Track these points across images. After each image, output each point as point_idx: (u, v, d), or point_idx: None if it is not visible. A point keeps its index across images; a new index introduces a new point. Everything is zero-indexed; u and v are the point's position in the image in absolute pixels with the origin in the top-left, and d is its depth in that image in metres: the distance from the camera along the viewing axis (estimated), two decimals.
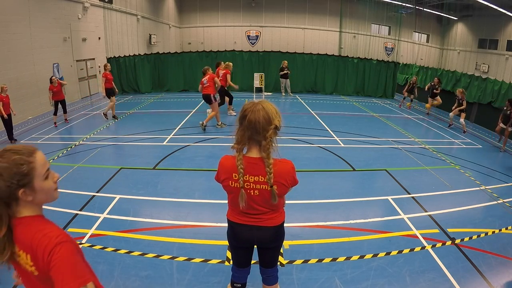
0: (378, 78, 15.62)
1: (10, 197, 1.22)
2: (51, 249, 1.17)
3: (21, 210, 1.26)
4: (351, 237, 4.03)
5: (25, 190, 1.22)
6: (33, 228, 1.24)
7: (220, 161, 2.07)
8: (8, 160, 1.20)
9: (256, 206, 2.05)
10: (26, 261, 1.24)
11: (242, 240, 2.23)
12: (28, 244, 1.22)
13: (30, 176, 1.23)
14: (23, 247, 1.24)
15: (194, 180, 5.59)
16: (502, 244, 4.00)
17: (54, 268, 1.16)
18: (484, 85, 11.32)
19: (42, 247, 1.18)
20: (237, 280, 2.48)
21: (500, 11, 18.35)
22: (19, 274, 1.38)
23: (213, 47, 20.70)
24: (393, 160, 6.97)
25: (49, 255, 1.17)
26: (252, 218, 2.11)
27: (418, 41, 25.85)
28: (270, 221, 2.14)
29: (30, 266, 1.24)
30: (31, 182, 1.23)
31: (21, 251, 1.24)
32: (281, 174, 1.96)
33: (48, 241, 1.19)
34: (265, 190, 1.98)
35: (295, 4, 23.83)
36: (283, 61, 14.34)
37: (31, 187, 1.24)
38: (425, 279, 3.30)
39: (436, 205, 4.95)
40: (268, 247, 2.29)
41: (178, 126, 9.01)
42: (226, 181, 2.02)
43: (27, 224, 1.25)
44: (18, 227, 1.25)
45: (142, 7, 18.43)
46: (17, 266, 1.32)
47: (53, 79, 8.75)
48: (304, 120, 10.13)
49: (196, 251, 3.64)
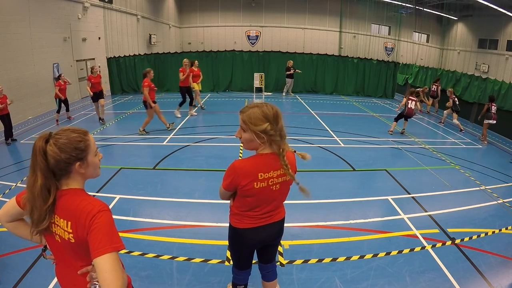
0: (378, 78, 15.63)
1: (66, 169, 1.38)
2: (93, 214, 1.31)
3: (70, 182, 1.42)
4: (351, 237, 4.03)
5: (80, 163, 1.41)
6: (78, 198, 1.39)
7: (234, 167, 1.95)
8: (68, 137, 1.38)
9: (275, 202, 2.11)
10: (65, 229, 1.37)
11: (255, 243, 2.22)
12: (72, 212, 1.35)
13: (85, 152, 1.42)
14: (64, 215, 1.37)
15: (194, 180, 5.59)
16: (502, 244, 4.00)
17: (94, 231, 1.29)
18: (484, 85, 11.32)
19: (86, 213, 1.32)
20: (240, 282, 2.47)
21: (500, 11, 18.34)
22: (51, 244, 1.49)
23: (213, 47, 20.69)
24: (393, 160, 6.97)
25: (91, 219, 1.30)
26: (271, 215, 2.14)
27: (418, 41, 25.84)
28: (279, 215, 2.21)
29: (68, 233, 1.36)
30: (86, 157, 1.43)
31: (61, 220, 1.38)
32: (291, 164, 2.03)
33: (91, 208, 1.33)
34: (284, 182, 2.05)
35: (295, 4, 23.83)
36: (289, 61, 14.29)
37: (85, 161, 1.43)
38: (425, 279, 3.30)
39: (436, 205, 4.95)
40: (273, 243, 2.32)
41: (178, 126, 9.01)
42: (249, 184, 1.94)
43: (73, 194, 1.41)
44: (62, 198, 1.39)
45: (142, 7, 18.43)
46: (50, 236, 1.44)
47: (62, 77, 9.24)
48: (304, 120, 10.13)
49: (196, 251, 3.64)
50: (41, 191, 1.34)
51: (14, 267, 3.27)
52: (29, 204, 1.37)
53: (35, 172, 1.35)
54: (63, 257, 1.48)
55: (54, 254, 1.53)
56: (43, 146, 1.35)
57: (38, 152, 1.34)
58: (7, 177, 5.54)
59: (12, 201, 1.53)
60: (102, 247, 1.26)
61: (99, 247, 1.26)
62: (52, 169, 1.36)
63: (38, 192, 1.34)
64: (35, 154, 1.34)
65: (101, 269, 1.24)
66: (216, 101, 13.28)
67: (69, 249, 1.41)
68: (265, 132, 1.88)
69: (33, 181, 1.35)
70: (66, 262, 1.48)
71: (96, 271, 1.26)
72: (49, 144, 1.35)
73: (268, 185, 1.99)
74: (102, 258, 1.24)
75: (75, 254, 1.42)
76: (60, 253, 1.48)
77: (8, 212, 1.55)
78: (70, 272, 1.47)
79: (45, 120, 9.67)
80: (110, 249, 1.26)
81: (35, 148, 1.34)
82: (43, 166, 1.34)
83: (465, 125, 11.03)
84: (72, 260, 1.45)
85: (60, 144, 1.35)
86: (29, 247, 3.59)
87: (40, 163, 1.34)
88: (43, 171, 1.34)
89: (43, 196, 1.35)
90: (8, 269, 3.25)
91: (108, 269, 1.23)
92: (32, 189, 1.35)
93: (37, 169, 1.34)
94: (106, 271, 1.23)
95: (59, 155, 1.35)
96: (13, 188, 5.06)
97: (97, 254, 1.25)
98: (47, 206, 1.36)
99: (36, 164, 1.34)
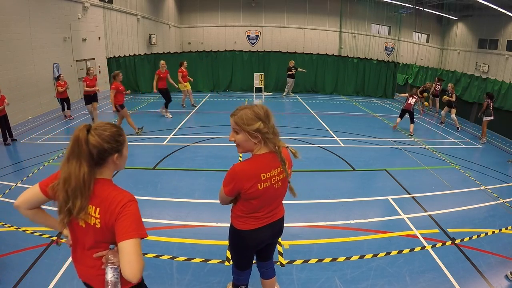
0: (378, 78, 15.63)
1: (105, 159, 1.51)
2: (124, 203, 1.45)
3: (104, 171, 1.55)
4: (351, 237, 4.03)
5: (118, 155, 1.56)
6: (110, 187, 1.53)
7: (235, 171, 1.94)
8: (111, 130, 1.52)
9: (278, 200, 2.14)
10: (92, 214, 1.48)
11: (257, 244, 2.22)
12: (102, 199, 1.47)
13: (123, 145, 1.58)
14: (94, 202, 1.48)
15: (194, 180, 5.59)
16: (502, 244, 4.00)
17: (123, 218, 1.42)
18: (484, 85, 11.32)
19: (117, 201, 1.45)
20: (241, 282, 2.47)
21: (500, 11, 18.33)
22: (73, 229, 1.58)
23: (213, 47, 20.68)
24: (393, 160, 6.97)
25: (121, 207, 1.44)
26: (271, 214, 2.15)
27: (418, 41, 25.83)
28: (280, 213, 2.24)
29: (94, 219, 1.48)
30: (122, 150, 1.58)
31: (90, 206, 1.48)
32: (288, 160, 2.09)
33: (122, 197, 1.47)
34: (284, 178, 2.08)
35: (295, 4, 23.83)
36: (290, 61, 14.29)
37: (121, 153, 1.58)
38: (425, 279, 3.30)
39: (436, 205, 4.95)
40: (273, 242, 2.34)
41: (178, 126, 9.01)
42: (253, 187, 1.94)
43: (105, 183, 1.53)
44: (95, 186, 1.50)
45: (142, 7, 18.43)
46: (76, 222, 1.53)
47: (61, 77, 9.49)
48: (304, 120, 10.12)
49: (196, 251, 3.64)
50: (87, 178, 1.44)
51: (14, 267, 3.27)
52: (70, 195, 1.44)
53: (79, 160, 1.44)
54: (83, 241, 1.57)
55: (74, 238, 1.61)
56: (86, 136, 1.45)
57: (84, 141, 1.44)
58: (6, 177, 5.55)
59: (34, 189, 1.57)
60: (130, 232, 1.39)
61: (127, 232, 1.39)
62: (92, 158, 1.47)
63: (84, 180, 1.43)
64: (79, 143, 1.44)
65: (127, 251, 1.37)
66: (216, 101, 13.28)
67: (92, 233, 1.51)
68: (258, 130, 1.91)
69: (78, 169, 1.43)
70: (85, 246, 1.57)
71: (120, 253, 1.38)
72: (91, 135, 1.47)
73: (271, 184, 2.01)
74: (128, 241, 1.38)
75: (96, 239, 1.52)
76: (81, 238, 1.57)
77: (28, 200, 1.59)
78: (86, 255, 1.58)
79: (45, 120, 9.66)
80: (136, 235, 1.40)
81: (80, 137, 1.44)
82: (88, 155, 1.45)
83: (464, 125, 11.03)
84: (92, 244, 1.55)
85: (105, 136, 1.49)
86: (29, 247, 3.59)
87: (84, 151, 1.44)
88: (88, 160, 1.45)
89: (87, 183, 1.45)
90: (8, 269, 3.25)
91: (133, 251, 1.36)
92: (78, 177, 1.43)
93: (82, 157, 1.44)
94: (131, 253, 1.36)
95: (102, 145, 1.47)
96: (13, 188, 5.06)
97: (124, 238, 1.38)
98: (90, 193, 1.47)
99: (80, 153, 1.44)
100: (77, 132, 1.46)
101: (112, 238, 1.48)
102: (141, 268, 1.36)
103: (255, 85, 15.08)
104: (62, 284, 3.07)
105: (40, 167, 5.99)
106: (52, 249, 3.60)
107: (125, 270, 1.35)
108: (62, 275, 3.18)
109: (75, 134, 1.45)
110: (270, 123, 1.97)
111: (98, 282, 1.57)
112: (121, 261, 1.37)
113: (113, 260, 1.48)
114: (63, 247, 1.71)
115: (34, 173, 5.71)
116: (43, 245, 3.66)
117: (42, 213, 1.69)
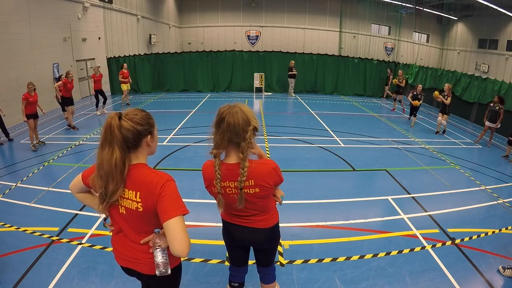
0: (379, 78, 15.63)
1: (138, 142, 1.57)
2: (163, 183, 1.50)
3: (140, 156, 1.61)
4: (351, 237, 4.03)
5: (150, 137, 1.62)
6: (146, 171, 1.58)
7: (202, 168, 2.05)
8: (141, 114, 1.59)
9: (245, 209, 2.03)
10: (133, 199, 1.54)
11: (235, 239, 2.25)
12: (141, 183, 1.53)
13: (154, 128, 1.66)
14: (133, 187, 1.54)
15: (194, 180, 5.57)
16: (502, 244, 4.00)
17: (164, 198, 1.48)
18: (484, 85, 11.32)
19: (155, 183, 1.51)
20: (234, 279, 2.48)
21: (500, 11, 18.31)
22: (114, 216, 1.65)
23: (213, 47, 20.67)
24: (393, 160, 6.97)
25: (161, 188, 1.49)
26: (243, 219, 2.13)
27: (418, 41, 25.81)
28: (261, 223, 2.13)
29: (136, 203, 1.54)
30: (153, 132, 1.66)
31: (129, 191, 1.55)
32: (260, 175, 1.92)
33: (160, 178, 1.52)
34: (248, 194, 1.96)
35: (295, 4, 23.81)
36: (291, 61, 14.31)
37: (153, 135, 1.65)
38: (425, 279, 3.30)
39: (436, 205, 4.95)
40: (262, 249, 2.30)
41: (178, 126, 9.01)
42: (209, 188, 2.05)
43: (141, 168, 1.59)
44: (132, 171, 1.56)
45: (142, 7, 18.41)
46: (115, 208, 1.61)
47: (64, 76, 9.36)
48: (304, 120, 10.12)
49: (196, 251, 3.63)
50: (119, 163, 1.49)
51: (14, 267, 3.26)
52: (103, 179, 1.50)
53: (111, 146, 1.48)
54: (125, 227, 1.64)
55: (116, 225, 1.68)
56: (119, 122, 1.50)
57: (116, 127, 1.49)
58: (6, 177, 5.55)
59: (79, 178, 1.73)
60: (173, 210, 1.46)
61: (170, 211, 1.45)
62: (126, 143, 1.52)
63: (116, 164, 1.48)
64: (112, 129, 1.48)
65: (172, 229, 1.43)
66: (216, 101, 13.28)
67: (135, 218, 1.58)
68: (219, 133, 1.95)
69: (110, 154, 1.48)
70: (127, 231, 1.64)
71: (166, 232, 1.45)
72: (124, 120, 1.52)
73: (226, 192, 1.97)
74: (173, 220, 1.44)
75: (140, 223, 1.59)
76: (123, 224, 1.64)
77: (76, 185, 1.76)
78: (128, 240, 1.65)
79: (45, 120, 9.65)
80: (179, 212, 1.46)
81: (112, 124, 1.49)
82: (120, 140, 1.50)
83: (464, 125, 11.04)
84: (135, 228, 1.62)
85: (137, 119, 1.55)
86: (29, 247, 3.59)
87: (117, 136, 1.49)
88: (120, 145, 1.50)
89: (120, 168, 1.50)
90: (8, 269, 3.25)
91: (178, 229, 1.43)
92: (110, 162, 1.48)
93: (114, 143, 1.48)
94: (177, 230, 1.43)
95: (136, 128, 1.53)
96: (13, 188, 5.06)
97: (168, 217, 1.45)
98: (123, 178, 1.52)
99: (113, 139, 1.48)
100: (109, 119, 1.50)
101: (156, 221, 1.54)
102: (189, 244, 1.43)
103: (255, 85, 15.09)
104: (62, 284, 3.08)
105: (40, 167, 5.99)
106: (52, 249, 3.60)
107: (174, 247, 1.41)
108: (62, 275, 3.18)
109: (107, 122, 1.50)
110: (220, 129, 1.90)
111: (144, 266, 1.65)
112: (168, 239, 1.44)
113: (160, 242, 1.55)
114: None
115: (34, 173, 5.71)
116: (43, 245, 3.66)
117: (91, 197, 1.80)
